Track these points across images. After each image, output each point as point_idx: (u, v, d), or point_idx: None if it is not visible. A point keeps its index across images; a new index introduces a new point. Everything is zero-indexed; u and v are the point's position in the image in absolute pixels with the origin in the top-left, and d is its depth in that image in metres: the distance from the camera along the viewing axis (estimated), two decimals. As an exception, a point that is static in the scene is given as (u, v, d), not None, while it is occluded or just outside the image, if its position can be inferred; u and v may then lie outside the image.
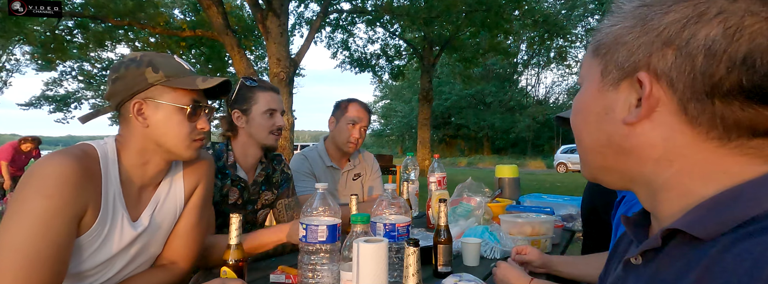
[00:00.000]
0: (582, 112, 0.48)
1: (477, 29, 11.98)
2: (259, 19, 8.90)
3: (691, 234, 0.38)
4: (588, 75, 0.47)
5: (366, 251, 0.76)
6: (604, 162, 0.46)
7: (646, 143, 0.41)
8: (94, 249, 0.93)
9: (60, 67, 17.71)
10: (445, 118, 28.24)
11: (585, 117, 0.47)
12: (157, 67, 0.96)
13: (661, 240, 0.41)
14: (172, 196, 1.07)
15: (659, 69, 0.39)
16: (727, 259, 0.34)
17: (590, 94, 0.46)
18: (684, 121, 0.39)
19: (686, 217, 0.40)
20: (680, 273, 0.38)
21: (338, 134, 1.96)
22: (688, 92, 0.37)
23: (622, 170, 0.45)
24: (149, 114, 0.96)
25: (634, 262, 0.45)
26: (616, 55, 0.42)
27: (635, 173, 0.44)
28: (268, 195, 1.55)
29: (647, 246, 0.42)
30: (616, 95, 0.43)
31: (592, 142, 0.47)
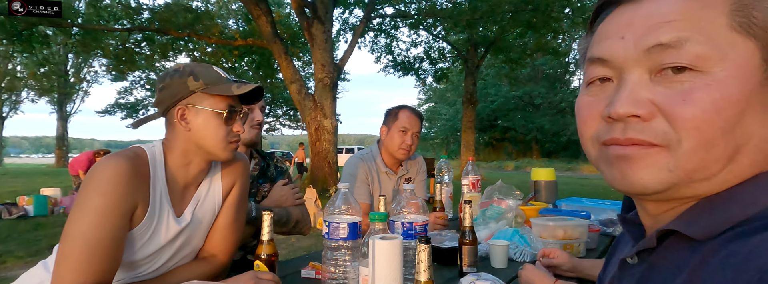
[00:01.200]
0: (729, 109, 0.37)
1: (523, 29, 11.67)
2: (305, 26, 9.24)
3: (685, 234, 0.37)
4: (733, 55, 0.37)
5: (381, 247, 0.80)
6: (714, 163, 0.41)
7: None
8: (144, 242, 1.04)
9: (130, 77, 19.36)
10: (491, 120, 27.62)
11: (726, 112, 0.37)
12: (197, 76, 1.05)
13: (656, 240, 0.41)
14: (211, 194, 1.17)
15: None
16: (716, 260, 0.34)
17: (744, 86, 0.37)
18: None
19: (682, 217, 0.39)
20: (672, 273, 0.38)
21: (390, 142, 1.98)
22: None
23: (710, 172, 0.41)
24: (191, 118, 1.06)
25: (629, 262, 0.44)
26: None
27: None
28: (266, 187, 1.63)
29: (642, 246, 0.42)
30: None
31: (726, 146, 0.38)
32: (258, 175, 1.63)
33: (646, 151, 0.39)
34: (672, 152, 0.38)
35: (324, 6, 9.19)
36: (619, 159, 0.40)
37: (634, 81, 0.39)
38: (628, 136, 0.39)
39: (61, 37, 15.24)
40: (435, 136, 32.79)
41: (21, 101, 23.87)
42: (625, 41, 0.40)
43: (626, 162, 0.40)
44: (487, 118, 26.83)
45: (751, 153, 0.38)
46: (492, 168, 21.26)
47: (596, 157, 0.45)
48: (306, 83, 10.26)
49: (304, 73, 16.35)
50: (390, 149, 1.99)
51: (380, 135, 2.06)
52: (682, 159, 0.38)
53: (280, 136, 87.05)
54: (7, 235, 4.96)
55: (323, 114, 8.85)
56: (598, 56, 0.42)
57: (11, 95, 23.06)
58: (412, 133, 1.97)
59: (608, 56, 0.41)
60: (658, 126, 0.38)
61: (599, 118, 0.43)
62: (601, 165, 0.44)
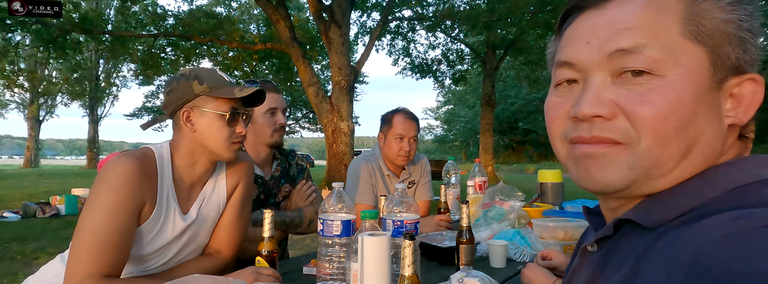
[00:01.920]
0: (681, 109, 0.39)
1: (543, 30, 11.51)
2: (323, 30, 9.36)
3: (639, 223, 0.40)
4: (683, 60, 0.39)
5: (369, 244, 0.83)
6: (673, 159, 0.44)
7: (725, 143, 0.43)
8: (152, 237, 1.09)
9: (156, 81, 19.98)
10: (511, 123, 27.25)
11: (683, 116, 0.40)
12: (201, 80, 1.11)
13: (613, 229, 0.44)
14: (216, 193, 1.22)
15: (756, 74, 0.40)
16: (660, 245, 0.37)
17: (693, 88, 0.39)
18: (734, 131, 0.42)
19: (637, 208, 0.42)
20: (623, 258, 0.41)
21: (388, 150, 1.96)
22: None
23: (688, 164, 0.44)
24: (196, 120, 1.11)
25: (590, 249, 0.48)
26: (728, 51, 0.39)
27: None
28: (287, 188, 1.68)
29: (601, 235, 0.45)
30: (718, 93, 0.40)
31: (677, 143, 0.41)
32: (280, 175, 1.67)
33: (609, 150, 0.41)
34: (632, 150, 0.41)
35: (341, 10, 9.30)
36: (585, 157, 0.43)
37: (597, 83, 0.42)
38: (593, 134, 0.42)
39: (93, 44, 15.92)
40: (454, 139, 32.55)
41: (55, 105, 24.94)
42: (589, 46, 0.43)
43: (592, 160, 0.43)
44: (507, 121, 26.50)
45: (702, 149, 0.41)
46: (512, 171, 20.97)
47: (565, 156, 0.47)
48: (324, 86, 10.38)
49: (323, 76, 16.54)
50: (389, 157, 1.97)
51: (378, 141, 2.04)
52: (641, 157, 0.40)
53: (300, 138, 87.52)
54: (40, 233, 5.20)
55: (340, 116, 8.94)
56: (566, 60, 0.45)
57: (47, 99, 24.12)
58: (408, 139, 1.93)
59: (575, 60, 0.44)
60: (620, 124, 0.41)
61: (566, 117, 0.45)
62: (569, 164, 0.47)
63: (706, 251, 0.31)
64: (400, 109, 2.04)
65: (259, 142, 1.60)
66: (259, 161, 1.62)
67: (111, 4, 19.91)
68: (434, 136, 34.51)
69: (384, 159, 2.02)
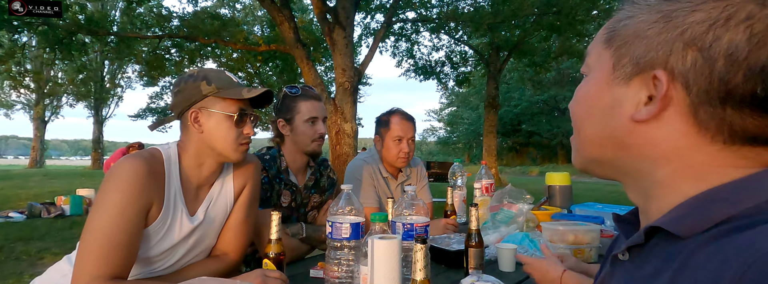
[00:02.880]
0: (586, 103, 0.47)
1: (547, 33, 11.48)
2: (327, 32, 9.37)
3: (670, 231, 0.39)
4: (597, 65, 0.46)
5: (380, 247, 0.81)
6: (601, 154, 0.47)
7: (649, 141, 0.42)
8: (159, 239, 1.09)
9: (161, 83, 20.07)
10: (514, 125, 27.17)
11: (589, 109, 0.47)
12: (210, 81, 1.10)
13: (644, 237, 0.42)
14: (223, 194, 1.21)
15: (677, 69, 0.38)
16: (700, 257, 0.35)
17: (597, 85, 0.45)
18: (691, 123, 0.39)
19: (669, 215, 0.40)
20: (658, 269, 0.39)
21: (387, 152, 1.93)
22: (702, 95, 0.37)
23: (618, 164, 0.46)
24: (203, 121, 1.11)
25: (621, 258, 0.46)
26: (633, 49, 0.41)
27: (630, 168, 0.45)
28: (316, 198, 1.65)
29: (631, 243, 0.43)
30: (626, 90, 0.42)
31: (593, 134, 0.47)
32: (312, 186, 1.65)
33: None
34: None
35: (345, 12, 9.31)
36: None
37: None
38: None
39: (98, 45, 15.99)
40: (457, 141, 32.50)
41: (61, 106, 25.08)
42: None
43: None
44: (510, 123, 26.43)
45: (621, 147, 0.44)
46: (516, 173, 20.90)
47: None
48: (327, 87, 10.37)
49: (327, 78, 16.56)
50: (388, 159, 1.93)
51: (375, 144, 2.00)
52: (574, 142, 0.50)
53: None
54: (46, 233, 5.21)
55: (343, 118, 8.94)
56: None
57: (52, 100, 24.27)
58: (407, 140, 1.89)
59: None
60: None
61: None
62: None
63: (756, 265, 0.30)
64: (395, 109, 1.99)
65: (297, 149, 1.57)
66: (295, 168, 1.60)
67: (116, 6, 20.02)
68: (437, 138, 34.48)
69: (382, 162, 2.00)
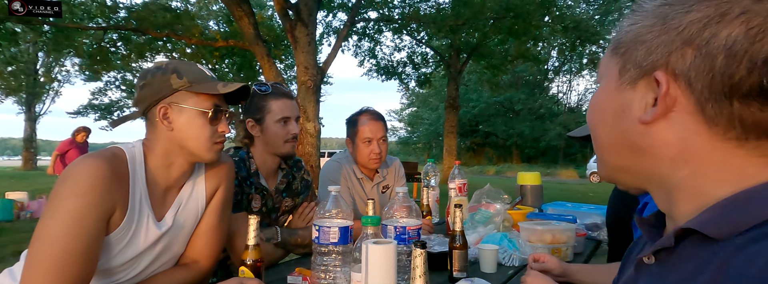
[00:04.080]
0: (599, 110, 0.48)
1: (505, 36, 11.85)
2: (288, 29, 9.15)
3: (704, 233, 0.38)
4: (606, 73, 0.47)
5: (375, 252, 0.77)
6: (620, 161, 0.46)
7: (661, 142, 0.41)
8: (122, 247, 0.98)
9: (105, 78, 18.77)
10: (472, 125, 27.89)
11: (601, 115, 0.47)
12: (181, 74, 1.01)
13: (674, 240, 0.41)
14: (194, 197, 1.12)
15: (678, 68, 0.38)
16: (740, 260, 0.34)
17: (608, 92, 0.46)
18: (701, 121, 0.39)
19: (701, 217, 0.39)
20: (692, 273, 0.38)
21: (359, 155, 1.87)
22: (706, 92, 0.37)
23: (638, 170, 0.45)
24: (174, 118, 1.01)
25: (646, 262, 0.45)
26: (635, 54, 0.42)
27: (651, 173, 0.44)
28: (288, 202, 1.57)
29: (660, 246, 0.42)
30: (632, 94, 0.43)
31: (608, 141, 0.47)
32: (284, 189, 1.56)
33: None
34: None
35: (308, 9, 9.13)
36: None
37: None
38: None
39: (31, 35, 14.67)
40: (417, 141, 32.90)
41: (-15, 101, 22.83)
42: None
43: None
44: (468, 123, 27.09)
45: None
46: (473, 173, 21.45)
47: None
48: (288, 86, 10.12)
49: (287, 76, 16.20)
50: (360, 161, 1.88)
51: (346, 147, 1.94)
52: (596, 152, 0.50)
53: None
54: (-32, 242, 4.70)
55: (306, 117, 8.77)
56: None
57: (-24, 95, 22.06)
58: (377, 141, 1.84)
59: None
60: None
61: None
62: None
63: None
64: (364, 109, 1.93)
65: (268, 151, 1.48)
66: (266, 171, 1.51)
67: (55, -7, 18.52)
68: (398, 138, 34.76)
69: (356, 163, 1.94)
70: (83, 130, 6.32)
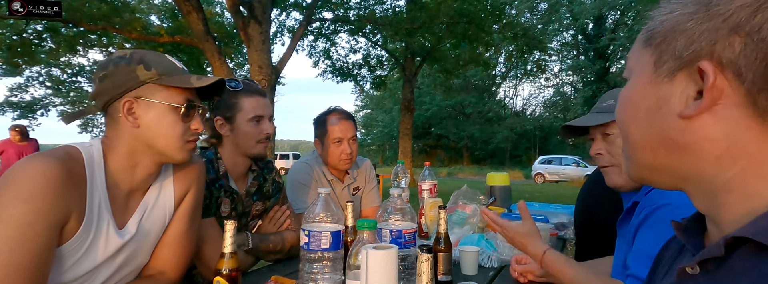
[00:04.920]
0: (630, 106, 0.45)
1: (458, 41, 12.18)
2: (241, 26, 8.81)
3: (763, 243, 0.34)
4: (637, 67, 0.44)
5: (376, 258, 0.72)
6: (654, 160, 0.43)
7: (705, 138, 0.38)
8: (77, 259, 0.86)
9: (26, 72, 17.04)
10: (425, 128, 28.45)
11: (634, 112, 0.44)
12: (148, 65, 0.91)
13: (724, 249, 0.37)
14: (161, 202, 1.01)
15: (725, 58, 0.36)
16: None
17: (640, 86, 0.43)
18: (751, 114, 0.36)
19: (757, 224, 0.36)
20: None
21: (328, 156, 1.80)
22: (759, 82, 0.35)
23: (676, 169, 0.42)
24: (140, 113, 0.91)
25: (690, 272, 0.41)
26: (674, 44, 0.39)
27: (691, 172, 0.41)
28: (258, 205, 1.47)
29: (708, 255, 0.38)
30: (671, 87, 0.40)
31: (641, 138, 0.44)
32: (254, 192, 1.45)
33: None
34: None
35: (262, 6, 8.84)
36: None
37: None
38: None
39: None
40: (371, 143, 32.98)
41: None
42: None
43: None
44: (421, 126, 27.58)
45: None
46: (426, 175, 21.77)
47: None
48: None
49: (238, 75, 15.62)
50: (331, 162, 1.81)
51: (315, 147, 1.87)
52: (625, 151, 0.48)
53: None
54: None
55: (259, 118, 8.47)
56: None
57: None
58: (348, 140, 1.78)
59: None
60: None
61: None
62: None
63: None
64: (333, 109, 1.86)
65: (239, 152, 1.37)
66: (235, 173, 1.39)
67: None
68: (351, 140, 34.66)
69: (325, 164, 1.86)
70: (13, 128, 5.60)
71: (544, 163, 18.74)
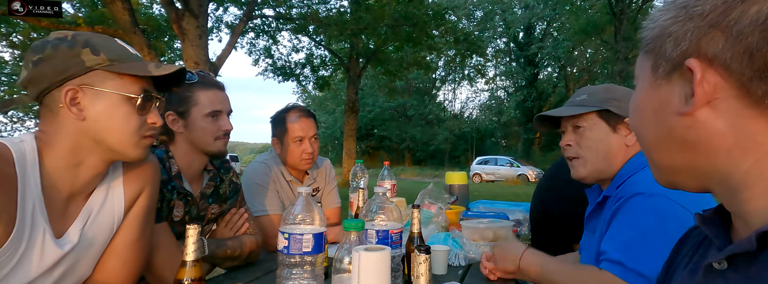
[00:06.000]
0: (638, 111, 0.47)
1: (402, 43, 12.36)
2: (174, 19, 8.24)
3: None
4: (640, 73, 0.47)
5: (369, 260, 0.68)
6: (670, 160, 0.44)
7: (712, 133, 0.39)
8: (6, 274, 0.72)
9: None
10: (368, 129, 28.55)
11: (642, 115, 0.46)
12: (96, 49, 0.79)
13: (757, 243, 0.36)
14: (108, 206, 0.88)
15: (711, 53, 0.37)
16: None
17: (644, 91, 0.46)
18: (750, 104, 0.37)
19: None
20: None
21: (288, 156, 1.69)
22: (748, 71, 0.36)
23: (694, 168, 0.42)
24: (86, 104, 0.78)
25: (717, 267, 0.40)
26: (664, 48, 0.42)
27: (708, 169, 0.41)
28: (214, 208, 1.35)
29: (738, 250, 0.37)
30: (669, 88, 0.42)
31: (654, 140, 0.45)
32: (210, 194, 1.32)
33: None
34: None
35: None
36: None
37: None
38: None
39: None
40: (313, 144, 32.42)
41: None
42: None
43: None
44: (365, 127, 27.64)
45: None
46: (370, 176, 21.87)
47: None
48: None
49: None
50: (291, 163, 1.72)
51: (273, 147, 1.78)
52: (647, 157, 0.49)
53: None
54: None
55: (196, 117, 7.97)
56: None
57: None
58: (309, 139, 1.70)
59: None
60: None
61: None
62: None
63: None
64: (291, 106, 1.77)
65: (194, 150, 1.24)
66: (189, 174, 1.26)
67: None
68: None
69: (284, 164, 1.77)
70: None
71: (481, 164, 19.60)
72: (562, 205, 1.59)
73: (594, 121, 1.08)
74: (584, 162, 1.09)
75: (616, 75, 16.70)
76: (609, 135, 1.07)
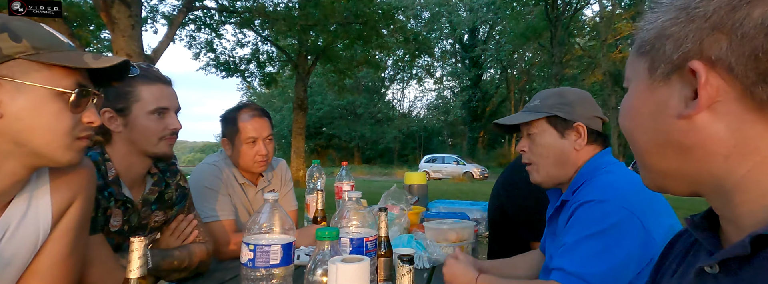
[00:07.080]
0: (631, 113, 0.45)
1: (352, 41, 12.26)
2: (102, 6, 7.55)
3: None
4: (634, 76, 0.45)
5: (347, 272, 0.62)
6: (665, 164, 0.43)
7: (711, 137, 0.38)
8: None
9: None
10: (317, 128, 28.12)
11: (636, 118, 0.45)
12: (17, 35, 0.66)
13: (751, 247, 0.35)
14: (31, 219, 0.75)
15: (714, 55, 0.37)
16: None
17: (639, 94, 0.44)
18: (752, 108, 0.36)
19: None
20: None
21: (240, 158, 1.57)
22: (752, 75, 0.35)
23: (687, 172, 0.42)
24: (4, 99, 0.66)
25: (709, 271, 0.40)
26: (663, 49, 0.40)
27: (702, 174, 0.40)
28: (158, 216, 1.21)
29: (731, 254, 0.37)
30: (668, 90, 0.41)
31: (648, 144, 0.44)
32: (154, 200, 1.18)
33: None
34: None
35: (131, -15, 7.72)
36: None
37: None
38: None
39: None
40: (258, 142, 31.41)
41: None
42: None
43: None
44: (313, 126, 27.20)
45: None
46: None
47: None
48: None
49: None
50: (243, 164, 1.60)
51: (223, 148, 1.65)
52: (638, 160, 0.48)
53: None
54: None
55: (129, 113, 7.37)
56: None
57: None
58: (263, 140, 1.58)
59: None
60: None
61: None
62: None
63: None
64: (244, 104, 1.65)
65: (135, 151, 1.11)
66: (129, 178, 1.12)
67: None
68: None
69: (236, 166, 1.64)
70: None
71: (429, 162, 20.04)
72: (519, 204, 1.62)
73: (543, 127, 1.09)
74: (537, 168, 1.11)
75: (553, 77, 17.79)
76: (557, 140, 1.07)
